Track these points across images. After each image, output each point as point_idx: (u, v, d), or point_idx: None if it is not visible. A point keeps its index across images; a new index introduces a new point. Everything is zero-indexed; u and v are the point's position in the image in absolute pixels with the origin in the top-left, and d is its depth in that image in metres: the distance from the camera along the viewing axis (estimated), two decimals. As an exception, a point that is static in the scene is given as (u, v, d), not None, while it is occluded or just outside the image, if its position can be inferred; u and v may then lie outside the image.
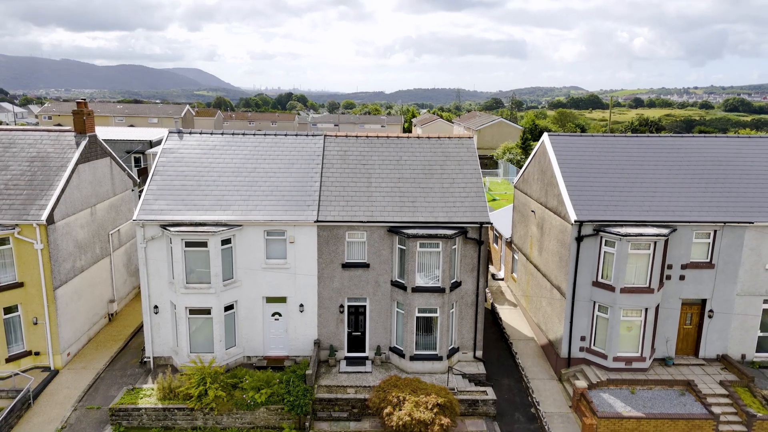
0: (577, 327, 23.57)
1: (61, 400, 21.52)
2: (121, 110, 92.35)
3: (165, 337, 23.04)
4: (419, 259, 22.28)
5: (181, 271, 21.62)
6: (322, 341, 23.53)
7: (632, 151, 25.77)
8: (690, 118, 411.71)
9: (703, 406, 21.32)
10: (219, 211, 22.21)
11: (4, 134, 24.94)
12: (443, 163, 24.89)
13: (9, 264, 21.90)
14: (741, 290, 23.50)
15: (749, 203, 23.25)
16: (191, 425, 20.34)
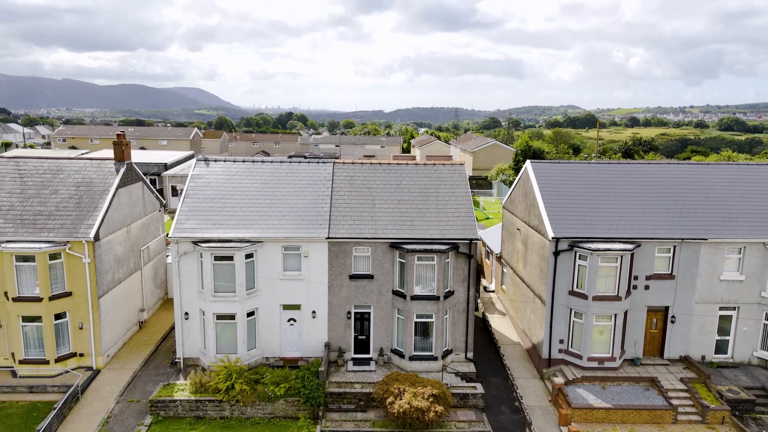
0: (556, 331, 26.85)
1: (104, 394, 24.70)
2: (132, 133, 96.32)
3: (194, 340, 26.27)
4: (417, 271, 25.63)
5: (210, 282, 24.95)
6: (332, 344, 26.77)
7: (604, 176, 29.31)
8: (685, 137, 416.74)
9: (664, 399, 24.53)
10: (242, 229, 25.61)
11: (52, 162, 28.44)
12: (438, 186, 28.37)
13: (60, 276, 25.22)
14: (699, 299, 26.85)
15: (704, 222, 26.71)
16: (219, 415, 23.48)
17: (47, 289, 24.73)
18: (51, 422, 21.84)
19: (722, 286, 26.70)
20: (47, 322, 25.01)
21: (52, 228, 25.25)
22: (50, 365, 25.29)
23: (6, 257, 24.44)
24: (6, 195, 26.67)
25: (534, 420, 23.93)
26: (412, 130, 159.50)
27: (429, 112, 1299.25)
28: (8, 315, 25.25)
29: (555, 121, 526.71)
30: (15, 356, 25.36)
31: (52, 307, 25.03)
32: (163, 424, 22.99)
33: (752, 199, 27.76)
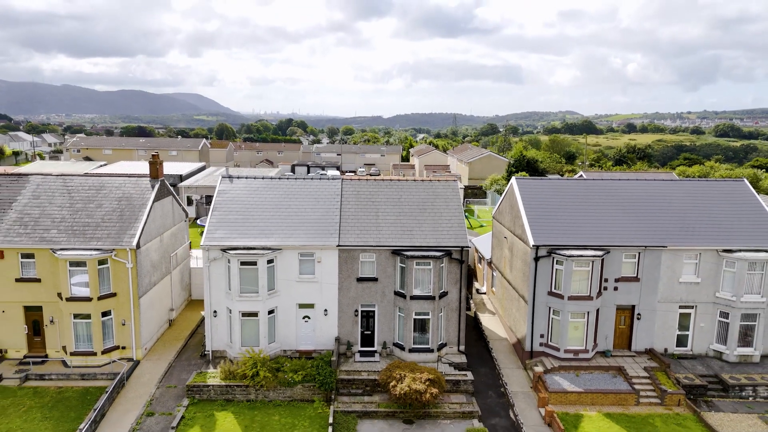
0: (537, 327, 30.82)
1: (145, 381, 28.62)
2: (143, 144, 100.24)
3: (221, 335, 30.19)
4: (415, 274, 29.60)
5: (236, 284, 28.91)
6: (342, 338, 30.71)
7: (579, 190, 33.37)
8: (681, 143, 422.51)
9: (629, 385, 28.50)
10: (264, 238, 29.59)
11: (95, 179, 32.45)
12: (433, 201, 32.38)
13: (106, 279, 29.16)
14: (661, 298, 30.85)
15: (665, 232, 30.75)
16: (246, 398, 27.39)
17: (96, 290, 28.66)
18: (103, 404, 25.74)
19: (681, 287, 30.71)
20: (95, 319, 28.93)
21: (100, 237, 29.22)
22: (97, 356, 29.20)
23: (61, 263, 28.39)
24: (57, 208, 30.65)
25: (516, 402, 27.87)
26: (411, 139, 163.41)
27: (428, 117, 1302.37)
28: (61, 313, 29.19)
29: (553, 127, 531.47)
30: (66, 349, 29.26)
31: (100, 306, 28.96)
32: (198, 405, 26.89)
33: (707, 211, 31.82)
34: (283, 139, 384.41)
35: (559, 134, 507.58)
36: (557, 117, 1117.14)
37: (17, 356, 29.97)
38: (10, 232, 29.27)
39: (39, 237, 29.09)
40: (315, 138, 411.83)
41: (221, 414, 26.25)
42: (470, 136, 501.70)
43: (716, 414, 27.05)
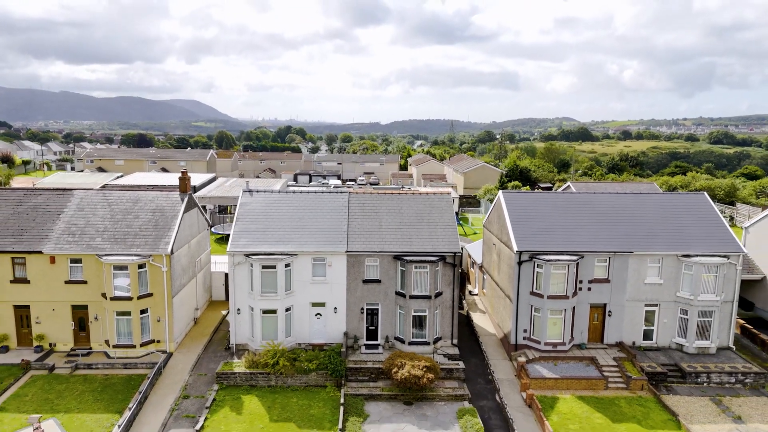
0: (521, 323, 35.23)
1: (179, 370, 32.92)
2: (153, 155, 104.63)
3: (243, 330, 34.51)
4: (414, 276, 33.99)
5: (258, 285, 33.27)
6: (349, 333, 35.07)
7: (558, 203, 37.88)
8: (675, 150, 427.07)
9: (599, 372, 32.90)
10: (282, 245, 33.97)
11: (131, 193, 36.85)
12: (430, 211, 36.82)
13: (144, 281, 33.48)
14: (629, 297, 35.30)
15: (632, 239, 35.23)
16: (267, 384, 31.70)
17: (136, 291, 33.00)
18: (146, 389, 30.04)
19: (646, 287, 35.18)
20: (135, 316, 33.25)
21: (139, 245, 33.58)
22: (136, 349, 33.48)
23: (105, 267, 32.73)
24: (100, 219, 35.02)
25: (501, 388, 32.25)
26: (409, 148, 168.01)
27: (425, 124, 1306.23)
28: (104, 311, 33.50)
29: (549, 134, 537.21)
30: (109, 342, 33.55)
31: (139, 304, 33.28)
32: (227, 390, 31.19)
33: (669, 221, 36.34)
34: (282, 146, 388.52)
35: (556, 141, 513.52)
36: (554, 123, 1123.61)
37: (65, 349, 34.24)
38: (60, 240, 33.62)
39: (86, 244, 33.44)
40: (314, 146, 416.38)
41: (247, 397, 30.56)
42: (467, 143, 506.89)
43: (673, 397, 31.47)
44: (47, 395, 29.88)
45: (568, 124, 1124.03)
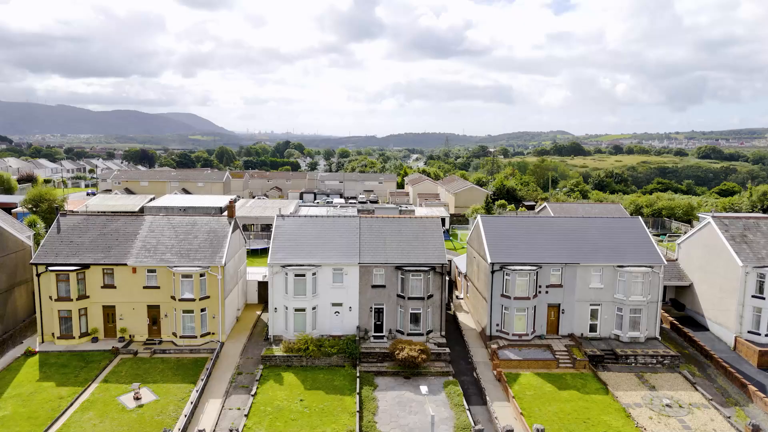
0: (494, 319, 45.68)
1: (231, 355, 43.22)
2: (175, 176, 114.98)
3: (279, 324, 44.83)
4: (411, 282, 44.44)
5: (291, 289, 43.67)
6: (361, 326, 45.44)
7: (523, 225, 48.56)
8: (664, 165, 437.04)
9: (552, 355, 43.35)
10: (309, 258, 44.40)
11: (189, 218, 47.31)
12: (423, 232, 47.39)
13: (203, 287, 43.82)
14: (577, 299, 45.89)
15: (579, 253, 45.87)
16: (300, 364, 41.97)
17: (198, 294, 43.35)
18: (210, 367, 40.30)
19: (591, 291, 45.77)
20: (197, 314, 43.57)
21: (199, 258, 44.00)
22: (197, 339, 43.75)
23: (175, 275, 43.09)
24: (168, 239, 45.46)
25: (478, 367, 42.66)
26: (406, 167, 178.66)
27: (421, 138, 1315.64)
28: (173, 309, 43.80)
29: (542, 149, 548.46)
30: (176, 334, 43.81)
31: (200, 304, 43.62)
32: (269, 368, 41.46)
33: (609, 239, 47.04)
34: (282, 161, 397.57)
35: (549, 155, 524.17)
36: (548, 137, 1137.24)
37: (141, 340, 44.49)
38: (139, 255, 44.02)
39: (159, 258, 43.85)
40: (312, 161, 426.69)
41: (285, 373, 40.85)
42: (462, 157, 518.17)
43: (607, 373, 41.94)
44: (136, 372, 40.12)
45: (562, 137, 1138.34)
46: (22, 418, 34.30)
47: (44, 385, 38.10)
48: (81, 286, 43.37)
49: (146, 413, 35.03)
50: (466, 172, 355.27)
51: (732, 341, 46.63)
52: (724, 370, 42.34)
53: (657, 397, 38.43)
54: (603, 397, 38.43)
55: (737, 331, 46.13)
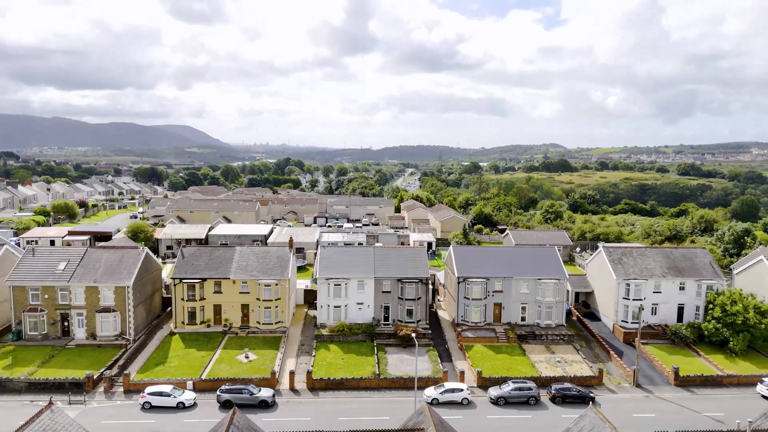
0: (460, 312, 72.75)
1: (295, 335, 70.10)
2: (216, 206, 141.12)
3: (323, 316, 71.64)
4: (407, 289, 71.40)
5: (331, 294, 70.66)
6: (375, 317, 72.38)
7: (480, 252, 75.83)
8: (645, 182, 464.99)
9: (495, 335, 70.44)
10: (343, 274, 71.35)
11: (265, 248, 74.21)
12: (414, 256, 74.47)
13: (276, 292, 70.62)
14: (512, 300, 73.22)
15: (513, 270, 73.09)
16: (338, 340, 68.73)
17: (273, 297, 70.13)
18: (285, 342, 67.06)
19: (521, 294, 72.89)
20: (272, 310, 70.33)
21: (274, 274, 70.84)
22: (272, 325, 70.46)
23: (259, 285, 69.85)
24: (252, 262, 72.29)
25: (448, 342, 69.67)
26: (402, 192, 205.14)
27: (416, 150, 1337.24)
28: (257, 306, 70.51)
29: (532, 165, 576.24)
30: (260, 322, 70.50)
31: (274, 303, 70.39)
32: (320, 342, 68.22)
33: (533, 261, 74.24)
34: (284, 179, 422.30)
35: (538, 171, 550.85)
36: (540, 150, 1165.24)
37: (236, 326, 71.08)
38: (236, 272, 70.83)
39: (249, 274, 70.66)
40: (312, 178, 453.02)
41: (330, 345, 67.61)
42: (455, 173, 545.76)
43: (528, 345, 68.97)
44: (240, 344, 66.78)
45: (554, 150, 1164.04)
46: (184, 367, 60.85)
47: (189, 350, 64.78)
48: (200, 292, 70.08)
49: (255, 364, 61.72)
50: (457, 189, 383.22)
51: (611, 327, 73.87)
52: (600, 343, 69.46)
53: (553, 358, 65.49)
54: (522, 358, 65.41)
55: (614, 320, 73.38)
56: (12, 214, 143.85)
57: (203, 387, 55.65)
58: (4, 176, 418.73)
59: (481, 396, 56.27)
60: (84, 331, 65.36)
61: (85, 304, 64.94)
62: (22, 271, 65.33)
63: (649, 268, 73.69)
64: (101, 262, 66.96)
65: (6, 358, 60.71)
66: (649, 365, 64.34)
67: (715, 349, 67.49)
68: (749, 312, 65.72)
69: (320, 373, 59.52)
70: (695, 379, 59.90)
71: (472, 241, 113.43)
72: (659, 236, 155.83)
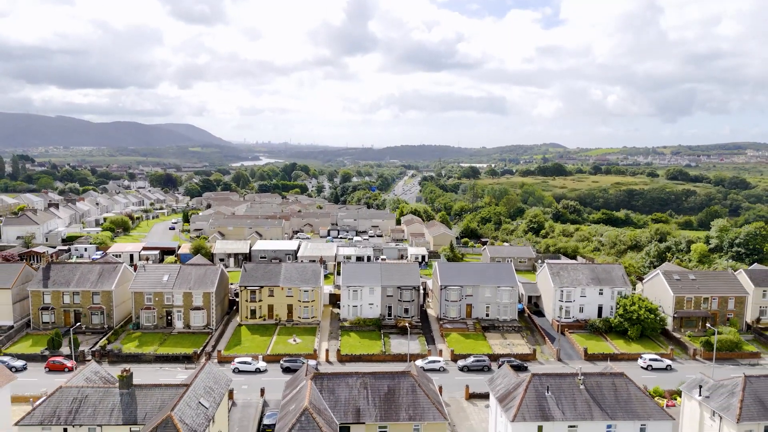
0: (442, 310, 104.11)
1: (325, 325, 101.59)
2: (249, 223, 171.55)
3: (345, 312, 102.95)
4: (404, 293, 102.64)
5: (351, 296, 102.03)
6: (381, 314, 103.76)
7: (457, 267, 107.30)
8: (633, 187, 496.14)
9: (467, 326, 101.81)
10: (358, 282, 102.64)
11: (302, 264, 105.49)
12: (409, 270, 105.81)
13: (312, 296, 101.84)
14: (479, 301, 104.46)
15: (480, 279, 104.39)
16: (356, 329, 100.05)
17: (310, 299, 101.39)
18: (320, 331, 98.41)
19: (486, 297, 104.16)
20: (309, 308, 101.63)
21: (310, 282, 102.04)
22: (309, 318, 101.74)
23: (300, 290, 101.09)
24: (295, 273, 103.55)
25: (433, 331, 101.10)
26: (403, 206, 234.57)
27: (417, 150, 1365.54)
28: (299, 305, 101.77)
29: (527, 170, 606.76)
30: (300, 317, 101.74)
31: (310, 303, 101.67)
32: (344, 331, 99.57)
33: (494, 273, 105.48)
34: (291, 185, 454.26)
35: (533, 175, 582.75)
36: (540, 150, 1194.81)
37: (283, 320, 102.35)
38: (284, 281, 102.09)
39: (293, 282, 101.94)
40: (318, 183, 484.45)
41: (351, 333, 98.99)
42: (454, 177, 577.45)
43: (488, 333, 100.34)
44: (288, 332, 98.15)
45: (554, 151, 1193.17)
46: (254, 347, 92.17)
47: (254, 336, 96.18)
48: (259, 295, 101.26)
49: (300, 345, 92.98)
50: (455, 194, 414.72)
51: (551, 321, 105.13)
52: (541, 333, 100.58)
53: (505, 342, 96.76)
54: (483, 342, 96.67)
55: (553, 316, 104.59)
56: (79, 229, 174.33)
57: (269, 359, 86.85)
58: (26, 181, 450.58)
59: (453, 366, 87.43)
60: (181, 323, 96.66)
61: (182, 304, 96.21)
62: (140, 282, 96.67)
63: (578, 278, 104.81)
64: (192, 275, 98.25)
65: (134, 341, 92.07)
66: (571, 347, 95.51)
67: (619, 336, 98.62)
68: (641, 310, 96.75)
69: (345, 350, 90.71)
70: (598, 356, 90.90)
71: (457, 254, 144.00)
72: (623, 245, 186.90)
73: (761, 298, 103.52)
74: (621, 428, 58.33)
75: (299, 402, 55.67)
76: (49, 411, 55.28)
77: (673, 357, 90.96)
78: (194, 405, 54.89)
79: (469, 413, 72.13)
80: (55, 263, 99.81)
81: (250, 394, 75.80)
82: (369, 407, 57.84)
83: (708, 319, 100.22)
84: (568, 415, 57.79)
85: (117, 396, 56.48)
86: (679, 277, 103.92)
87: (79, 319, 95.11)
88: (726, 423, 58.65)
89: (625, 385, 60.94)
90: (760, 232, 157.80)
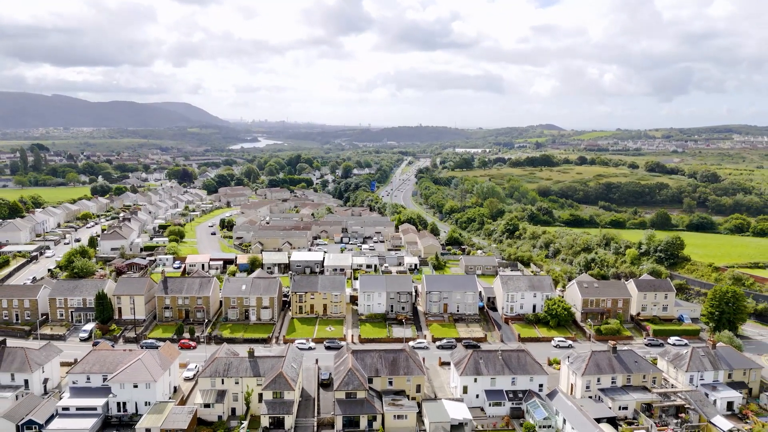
0: (427, 308, 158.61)
1: (348, 319, 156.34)
2: (282, 234, 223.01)
3: (362, 309, 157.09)
4: (401, 296, 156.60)
5: (367, 298, 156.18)
6: (386, 311, 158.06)
7: (437, 278, 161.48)
8: (612, 179, 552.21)
9: (444, 318, 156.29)
10: (371, 288, 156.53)
11: (332, 276, 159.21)
12: (405, 279, 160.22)
13: (340, 298, 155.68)
14: (453, 301, 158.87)
15: (452, 287, 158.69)
16: (370, 321, 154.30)
17: (338, 300, 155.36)
18: (346, 323, 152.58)
19: (457, 299, 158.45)
20: (338, 305, 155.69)
21: (338, 289, 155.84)
22: (338, 314, 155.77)
23: (330, 294, 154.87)
24: (328, 282, 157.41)
25: (422, 323, 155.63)
26: (401, 212, 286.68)
27: (415, 131, 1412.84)
28: (332, 304, 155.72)
29: (517, 160, 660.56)
30: (331, 312, 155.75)
31: (339, 303, 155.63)
32: (362, 322, 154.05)
33: (462, 282, 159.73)
34: (298, 179, 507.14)
35: (522, 166, 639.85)
36: (536, 132, 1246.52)
37: (321, 315, 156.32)
38: (321, 288, 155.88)
39: (326, 289, 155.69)
40: (322, 177, 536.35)
41: (366, 324, 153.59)
42: (448, 167, 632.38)
43: (458, 323, 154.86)
44: (325, 323, 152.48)
45: (549, 133, 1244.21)
46: (304, 333, 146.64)
47: (303, 326, 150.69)
48: (305, 298, 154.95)
49: (334, 332, 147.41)
50: (447, 188, 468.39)
51: (501, 315, 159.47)
52: (493, 323, 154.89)
53: (468, 329, 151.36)
54: (453, 329, 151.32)
55: (503, 312, 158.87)
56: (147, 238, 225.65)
57: (316, 341, 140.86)
58: (52, 174, 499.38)
59: (432, 346, 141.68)
60: (255, 317, 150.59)
61: (255, 304, 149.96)
62: (227, 290, 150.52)
63: (520, 286, 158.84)
64: (261, 285, 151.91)
65: (227, 329, 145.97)
66: (511, 333, 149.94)
67: (544, 325, 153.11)
68: (559, 308, 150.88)
69: (364, 335, 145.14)
70: (528, 339, 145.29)
71: (441, 263, 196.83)
72: (578, 247, 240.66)
73: (642, 299, 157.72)
74: (519, 379, 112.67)
75: (346, 365, 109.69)
76: (211, 370, 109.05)
77: (576, 339, 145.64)
78: (289, 367, 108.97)
79: (440, 373, 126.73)
80: (170, 277, 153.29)
81: (307, 362, 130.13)
82: (382, 368, 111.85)
83: (604, 314, 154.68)
84: (491, 372, 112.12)
85: (247, 362, 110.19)
86: (587, 285, 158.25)
87: (188, 315, 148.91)
88: (578, 377, 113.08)
89: (525, 356, 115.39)
90: (675, 241, 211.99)
